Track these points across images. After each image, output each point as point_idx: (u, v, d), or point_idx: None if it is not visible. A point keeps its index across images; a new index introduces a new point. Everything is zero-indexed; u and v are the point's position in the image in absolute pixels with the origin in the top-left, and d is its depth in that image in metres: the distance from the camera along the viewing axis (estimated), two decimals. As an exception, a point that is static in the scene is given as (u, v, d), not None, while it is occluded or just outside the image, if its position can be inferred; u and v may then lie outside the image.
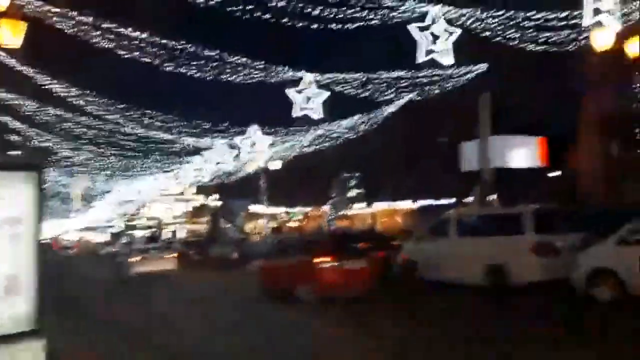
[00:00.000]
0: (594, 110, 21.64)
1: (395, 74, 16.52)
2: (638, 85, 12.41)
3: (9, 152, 17.54)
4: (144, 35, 12.38)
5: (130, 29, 12.23)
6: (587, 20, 10.67)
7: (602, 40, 11.18)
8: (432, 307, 10.16)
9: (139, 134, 21.97)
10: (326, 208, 34.24)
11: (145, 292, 14.16)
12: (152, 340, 7.82)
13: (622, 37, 11.99)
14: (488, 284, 10.82)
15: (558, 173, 23.98)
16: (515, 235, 10.79)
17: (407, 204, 29.81)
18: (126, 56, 12.91)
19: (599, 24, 10.78)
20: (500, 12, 11.42)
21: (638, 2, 11.49)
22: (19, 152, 17.32)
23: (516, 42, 11.95)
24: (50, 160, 26.45)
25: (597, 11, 10.32)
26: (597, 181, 23.46)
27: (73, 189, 47.39)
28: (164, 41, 12.70)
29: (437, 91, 18.23)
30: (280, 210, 42.83)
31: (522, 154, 22.41)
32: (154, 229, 61.06)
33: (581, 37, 12.22)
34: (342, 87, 16.20)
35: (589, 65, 18.65)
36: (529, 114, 22.82)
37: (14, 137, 21.81)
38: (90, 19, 12.20)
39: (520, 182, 22.62)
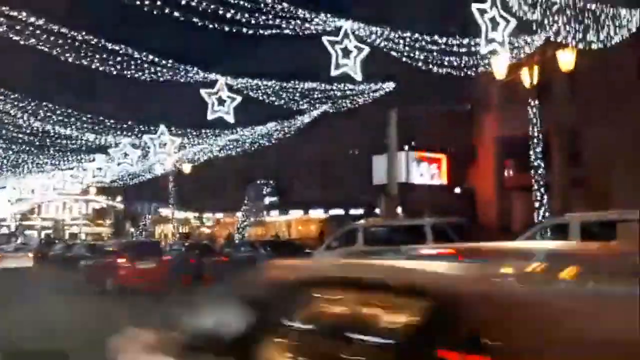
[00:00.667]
0: (489, 132, 23.53)
1: (308, 84, 16.73)
2: (531, 111, 13.68)
3: None
4: (41, 22, 11.48)
5: (26, 14, 11.29)
6: (483, 48, 11.60)
7: (497, 67, 12.24)
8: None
9: (34, 127, 20.27)
10: (239, 214, 33.73)
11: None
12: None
13: (518, 65, 13.21)
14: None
15: (458, 190, 25.57)
16: (417, 244, 11.38)
17: (319, 213, 30.24)
18: (23, 43, 11.88)
19: (494, 52, 11.77)
20: (408, 34, 12.03)
21: (532, 35, 12.68)
22: None
23: (422, 64, 12.65)
24: None
25: (492, 40, 11.23)
26: (490, 200, 25.43)
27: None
28: (65, 30, 11.84)
29: (349, 105, 18.71)
30: (191, 214, 41.62)
31: (426, 169, 23.65)
32: (50, 230, 56.80)
33: (481, 64, 13.24)
34: (256, 93, 16.14)
35: (486, 90, 20.23)
36: (432, 132, 24.15)
37: None
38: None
39: (423, 196, 23.84)
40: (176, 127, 23.53)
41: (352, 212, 26.41)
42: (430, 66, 12.72)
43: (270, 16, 10.49)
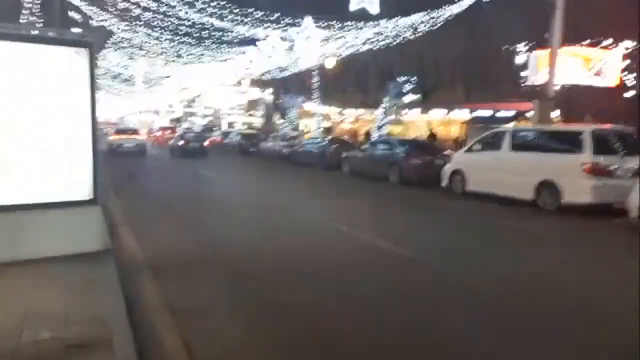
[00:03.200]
0: None
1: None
2: None
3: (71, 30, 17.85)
4: None
5: None
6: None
7: None
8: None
9: (193, 19, 21.62)
10: (378, 112, 33.55)
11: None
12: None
13: None
14: (537, 201, 10.75)
15: (631, 94, 22.17)
16: (571, 154, 10.44)
17: (463, 114, 28.77)
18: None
19: None
20: None
21: None
22: (80, 30, 17.60)
23: None
24: (108, 40, 26.77)
25: None
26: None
27: (133, 71, 48.46)
28: None
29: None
30: (332, 110, 42.53)
31: (592, 69, 20.65)
32: (210, 118, 62.65)
33: None
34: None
35: None
36: (604, 23, 20.72)
37: (75, 15, 22.08)
38: None
39: (587, 99, 21.18)
40: (321, 20, 23.34)
41: (501, 114, 24.65)
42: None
43: None
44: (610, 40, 20.72)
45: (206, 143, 29.19)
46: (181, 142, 27.53)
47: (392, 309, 4.65)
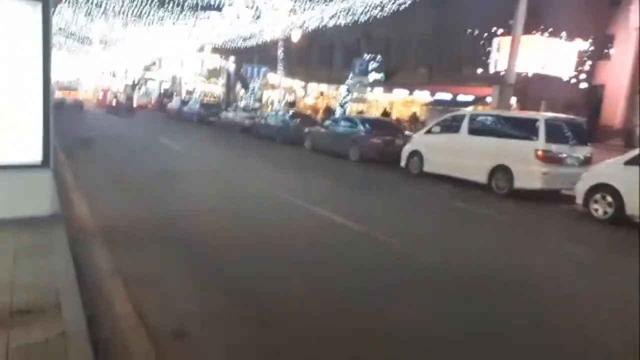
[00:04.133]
0: (633, 22, 20.16)
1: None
2: None
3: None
4: None
5: None
6: None
7: None
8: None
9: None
10: (342, 88, 33.48)
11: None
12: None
13: None
14: (491, 184, 11.11)
15: (583, 85, 23.02)
16: (525, 140, 10.79)
17: (425, 95, 29.12)
18: None
19: None
20: None
21: None
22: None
23: None
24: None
25: None
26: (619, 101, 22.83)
27: (91, 31, 46.22)
28: None
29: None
30: (296, 83, 42.08)
31: (550, 59, 21.24)
32: (168, 84, 60.83)
33: None
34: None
35: None
36: (563, 17, 21.32)
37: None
38: None
39: (543, 88, 21.85)
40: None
41: (461, 98, 25.10)
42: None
43: None
44: (565, 34, 21.35)
45: (135, 104, 38.02)
46: (114, 103, 35.06)
47: (340, 278, 4.75)
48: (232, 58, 43.84)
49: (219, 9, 26.26)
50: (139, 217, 6.70)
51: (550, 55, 21.16)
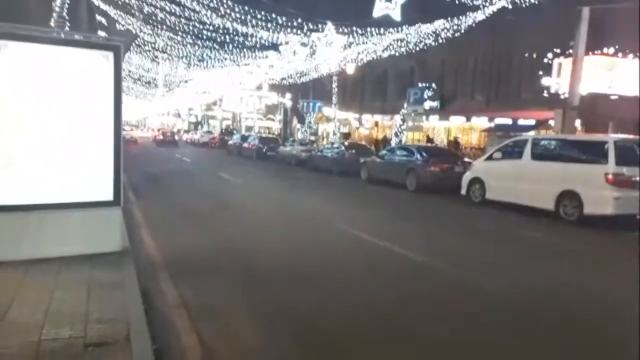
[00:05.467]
0: None
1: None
2: None
3: (97, 33, 18.21)
4: None
5: None
6: None
7: None
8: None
9: (216, 24, 21.86)
10: (397, 117, 33.41)
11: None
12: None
13: None
14: (558, 211, 10.60)
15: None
16: (594, 164, 10.26)
17: (483, 121, 28.50)
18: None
19: None
20: None
21: None
22: (104, 34, 17.93)
23: None
24: (132, 43, 27.21)
25: None
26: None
27: (155, 74, 49.13)
28: None
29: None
30: (350, 115, 42.49)
31: (617, 78, 20.23)
32: (229, 121, 63.16)
33: None
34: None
35: None
36: (628, 33, 20.38)
37: (101, 19, 22.51)
38: None
39: (610, 109, 20.81)
40: (342, 26, 23.41)
41: (522, 122, 24.34)
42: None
43: None
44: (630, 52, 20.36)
45: (176, 138, 47.91)
46: (160, 137, 45.62)
47: (415, 316, 4.63)
48: (288, 94, 45.06)
49: (276, 47, 27.26)
50: (203, 249, 6.89)
51: (615, 74, 20.22)
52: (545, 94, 21.44)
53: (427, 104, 31.19)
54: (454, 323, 4.49)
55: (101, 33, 19.61)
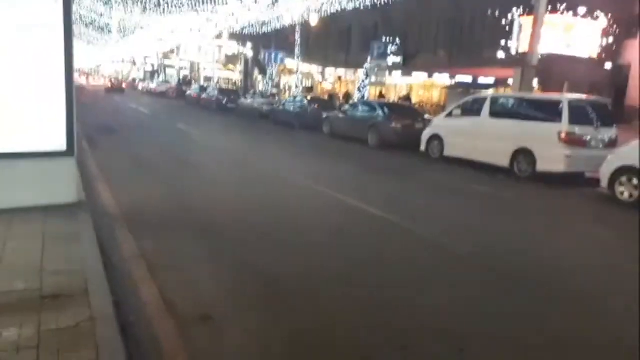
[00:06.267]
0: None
1: None
2: None
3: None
4: None
5: None
6: None
7: None
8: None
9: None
10: (360, 72, 33.18)
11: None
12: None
13: None
14: (513, 168, 10.96)
15: (609, 66, 22.39)
16: (548, 122, 10.58)
17: (445, 78, 28.69)
18: None
19: None
20: None
21: None
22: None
23: None
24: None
25: None
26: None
27: (109, 18, 46.63)
28: None
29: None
30: (314, 68, 41.86)
31: (574, 38, 20.66)
32: (187, 72, 61.10)
33: None
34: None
35: None
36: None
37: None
38: None
39: (566, 69, 21.35)
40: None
41: (482, 81, 24.69)
42: None
43: None
44: (585, 10, 20.69)
45: (124, 86, 53.18)
46: (109, 86, 49.57)
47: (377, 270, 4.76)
48: (249, 44, 43.79)
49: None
50: (160, 202, 6.79)
51: (573, 35, 20.63)
52: (505, 53, 21.73)
53: (391, 60, 31.09)
54: (404, 275, 4.66)
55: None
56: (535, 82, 18.81)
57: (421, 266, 4.92)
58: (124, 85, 54.35)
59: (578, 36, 20.77)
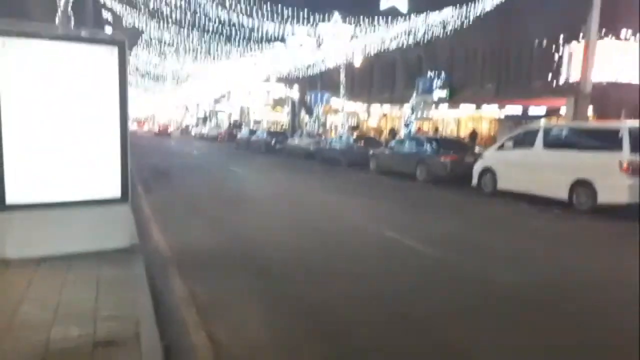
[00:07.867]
0: None
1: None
2: None
3: (104, 30, 18.18)
4: None
5: None
6: None
7: None
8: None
9: (222, 17, 21.80)
10: (406, 108, 33.16)
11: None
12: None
13: None
14: (572, 200, 10.45)
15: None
16: (608, 152, 10.07)
17: (493, 110, 28.16)
18: None
19: None
20: None
21: None
22: (111, 29, 17.87)
23: None
24: (139, 39, 27.22)
25: None
26: None
27: (163, 68, 49.18)
28: None
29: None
30: (359, 106, 42.21)
31: (631, 64, 19.85)
32: (236, 116, 63.10)
33: None
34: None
35: None
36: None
37: (108, 16, 22.48)
38: None
39: (625, 96, 20.45)
40: (349, 16, 23.22)
41: (533, 111, 24.03)
42: None
43: None
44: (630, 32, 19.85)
45: (169, 131, 62.13)
46: (156, 130, 59.81)
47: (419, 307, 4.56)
48: (296, 86, 44.88)
49: (282, 39, 27.14)
50: (213, 245, 6.85)
51: (628, 60, 19.85)
52: (556, 82, 21.14)
53: (436, 94, 30.91)
54: (462, 315, 4.42)
55: (108, 30, 19.59)
56: (590, 110, 18.14)
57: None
58: (168, 130, 63.17)
59: (633, 61, 19.95)
